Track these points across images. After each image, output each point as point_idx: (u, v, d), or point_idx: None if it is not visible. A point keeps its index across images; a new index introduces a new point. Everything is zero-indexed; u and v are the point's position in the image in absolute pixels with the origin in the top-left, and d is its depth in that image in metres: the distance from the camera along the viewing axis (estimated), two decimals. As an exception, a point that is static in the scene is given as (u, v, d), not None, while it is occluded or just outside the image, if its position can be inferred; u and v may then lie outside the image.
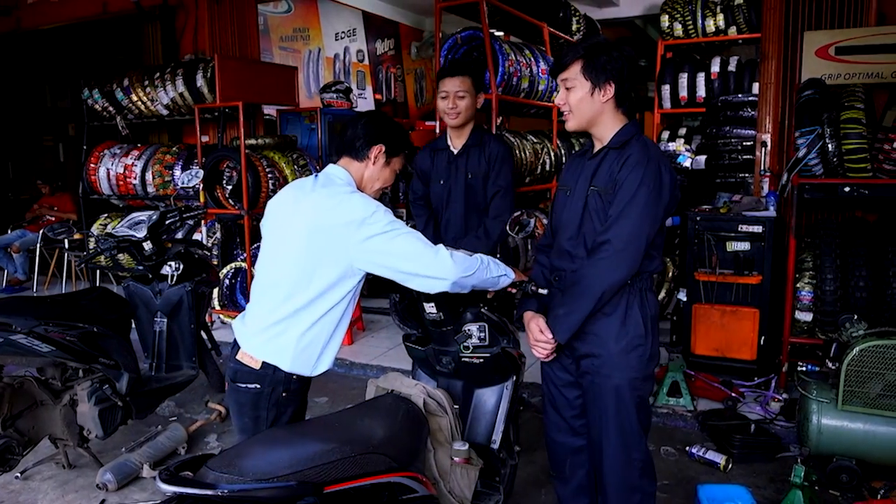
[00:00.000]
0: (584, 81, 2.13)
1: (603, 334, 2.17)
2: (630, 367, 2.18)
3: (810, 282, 3.96)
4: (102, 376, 3.33)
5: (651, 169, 2.07)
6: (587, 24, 7.75)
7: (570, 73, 2.16)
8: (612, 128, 2.18)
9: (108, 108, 6.73)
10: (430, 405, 2.31)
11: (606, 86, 2.13)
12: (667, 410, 3.91)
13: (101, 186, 6.67)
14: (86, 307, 3.47)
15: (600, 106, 2.15)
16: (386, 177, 2.26)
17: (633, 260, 2.09)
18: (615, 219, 2.08)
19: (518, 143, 6.11)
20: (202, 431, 3.84)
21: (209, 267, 4.23)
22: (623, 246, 2.06)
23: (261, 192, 5.49)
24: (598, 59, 2.12)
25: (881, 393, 3.02)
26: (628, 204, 2.06)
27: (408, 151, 2.30)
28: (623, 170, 2.09)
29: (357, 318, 5.57)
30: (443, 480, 2.26)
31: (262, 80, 6.21)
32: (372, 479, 1.73)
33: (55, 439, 3.35)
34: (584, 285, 2.11)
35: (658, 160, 2.11)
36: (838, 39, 4.16)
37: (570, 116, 2.20)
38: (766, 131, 4.64)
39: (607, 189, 2.12)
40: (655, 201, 2.08)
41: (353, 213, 2.03)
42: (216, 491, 1.49)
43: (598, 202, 2.14)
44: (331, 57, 9.95)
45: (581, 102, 2.15)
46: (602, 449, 2.26)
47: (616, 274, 2.08)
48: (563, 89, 2.19)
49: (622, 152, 2.13)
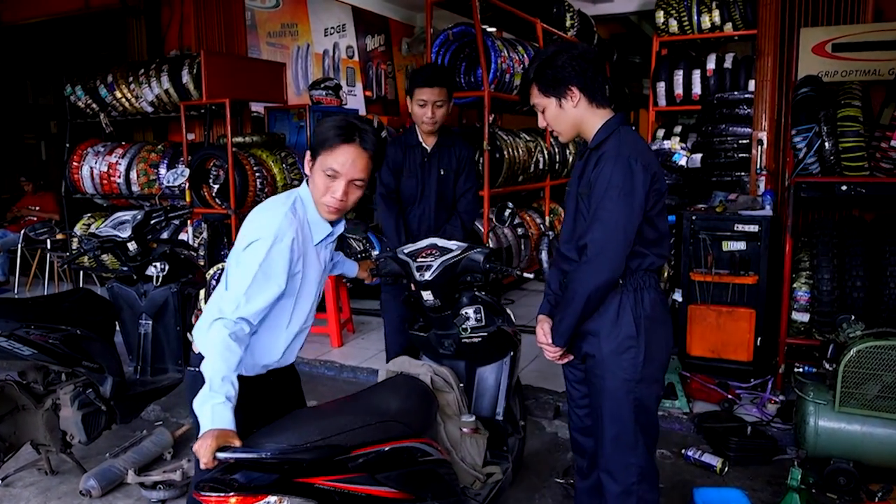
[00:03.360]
0: (548, 99, 2.17)
1: (597, 335, 2.18)
2: (622, 368, 2.15)
3: (807, 282, 3.94)
4: (86, 380, 3.29)
5: (619, 166, 2.03)
6: (581, 20, 7.73)
7: (533, 99, 2.21)
8: (596, 126, 2.18)
9: (92, 104, 6.66)
10: (437, 382, 2.54)
11: (569, 92, 2.13)
12: (662, 413, 3.87)
13: (85, 185, 6.61)
14: (69, 309, 3.43)
15: (575, 112, 2.16)
16: (318, 184, 1.99)
17: (611, 262, 2.05)
18: (590, 222, 2.08)
19: (511, 142, 6.07)
20: (189, 436, 3.77)
21: (195, 268, 4.20)
22: (598, 249, 2.05)
23: (248, 191, 5.43)
24: (545, 74, 2.14)
25: (879, 394, 3.00)
26: (598, 206, 2.05)
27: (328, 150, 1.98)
28: (595, 170, 2.09)
29: (347, 320, 5.51)
30: (454, 450, 2.46)
31: (249, 77, 6.16)
32: (391, 444, 1.89)
33: (37, 445, 3.32)
34: (571, 290, 2.13)
35: (627, 155, 2.05)
36: (835, 36, 4.15)
37: (559, 134, 2.25)
38: (762, 129, 4.62)
39: (586, 192, 2.13)
40: (628, 198, 2.03)
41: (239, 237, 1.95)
42: (261, 453, 1.61)
43: (584, 205, 2.15)
44: (320, 53, 9.89)
45: (557, 118, 2.19)
46: (600, 449, 2.28)
47: (597, 278, 2.07)
48: (539, 113, 2.24)
49: (598, 151, 2.13)
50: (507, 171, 6.03)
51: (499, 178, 5.94)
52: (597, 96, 2.15)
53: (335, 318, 5.19)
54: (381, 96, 11.20)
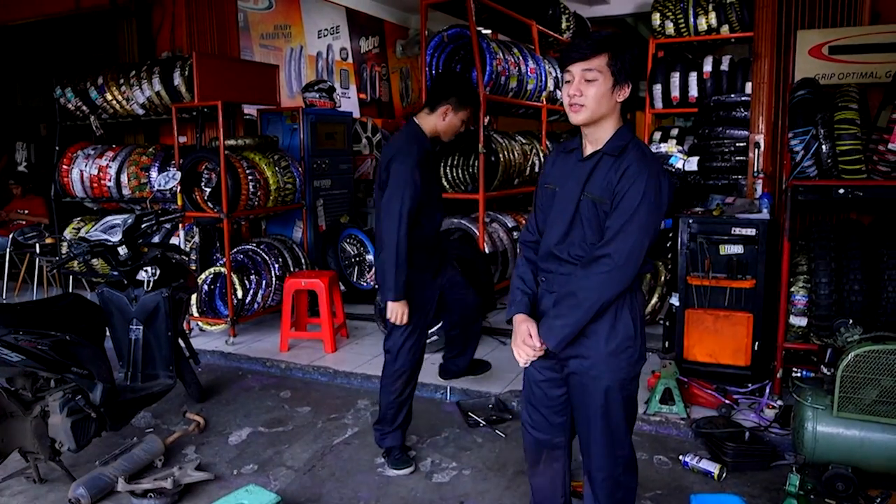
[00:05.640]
0: (609, 76, 2.06)
1: (593, 336, 2.18)
2: (620, 368, 2.19)
3: (805, 286, 3.92)
4: (75, 386, 3.27)
5: (652, 181, 2.05)
6: (577, 22, 7.72)
7: (593, 64, 2.06)
8: (611, 129, 2.13)
9: (82, 107, 6.61)
10: None
11: (625, 86, 2.09)
12: (659, 418, 3.84)
13: (75, 189, 6.56)
14: (58, 314, 3.40)
15: (614, 105, 2.11)
16: None
17: (632, 273, 2.10)
18: (616, 233, 2.06)
19: (506, 145, 6.04)
20: (180, 443, 3.74)
21: (187, 272, 4.18)
22: (624, 262, 2.06)
23: (241, 194, 5.39)
24: (624, 55, 2.06)
25: (877, 399, 2.98)
26: (630, 219, 2.04)
27: None
28: (623, 181, 2.05)
29: (341, 325, 5.46)
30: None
31: (242, 79, 6.12)
32: None
33: (25, 452, 3.29)
34: (581, 297, 2.10)
35: (658, 170, 2.09)
36: (832, 38, 4.15)
37: (581, 110, 2.09)
38: (759, 132, 4.61)
39: (603, 199, 2.09)
40: (656, 213, 2.07)
41: None
42: None
43: (591, 210, 2.12)
44: (313, 55, 9.85)
45: (602, 98, 2.07)
46: (589, 447, 2.29)
47: (615, 288, 2.10)
48: (581, 80, 2.07)
49: (619, 160, 2.08)
50: (503, 175, 6.00)
51: (494, 182, 5.92)
52: (628, 105, 2.15)
53: (329, 324, 5.14)
54: (375, 98, 11.17)
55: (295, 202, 6.21)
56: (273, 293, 5.64)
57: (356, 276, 6.80)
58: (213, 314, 5.66)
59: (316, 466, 3.51)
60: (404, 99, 11.88)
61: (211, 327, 5.55)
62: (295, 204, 6.23)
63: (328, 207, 6.67)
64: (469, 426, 3.94)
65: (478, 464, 3.50)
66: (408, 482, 3.34)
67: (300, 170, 6.22)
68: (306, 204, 6.37)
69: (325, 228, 6.58)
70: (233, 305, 5.36)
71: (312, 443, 3.78)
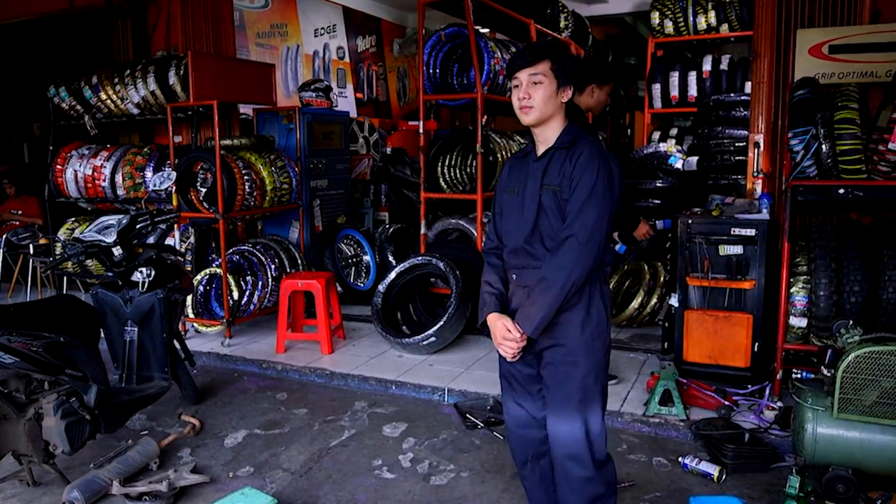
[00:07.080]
0: (552, 79, 2.29)
1: (568, 324, 2.32)
2: (595, 350, 2.34)
3: (805, 286, 3.91)
4: (69, 388, 3.27)
5: (603, 164, 2.26)
6: (575, 21, 7.70)
7: (538, 69, 2.29)
8: (559, 128, 2.34)
9: (76, 106, 6.56)
10: None
11: (567, 87, 2.33)
12: (659, 420, 3.83)
13: (69, 189, 6.52)
14: (52, 316, 3.39)
15: (559, 105, 2.33)
16: None
17: (597, 249, 2.24)
18: (577, 213, 2.23)
19: (504, 144, 6.01)
20: (175, 446, 3.72)
21: (182, 273, 4.17)
22: (588, 237, 2.21)
23: (236, 194, 5.36)
24: (563, 60, 2.31)
25: (877, 400, 2.97)
26: (588, 198, 2.22)
27: None
28: (577, 168, 2.25)
29: (338, 326, 5.43)
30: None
31: (237, 78, 6.09)
32: None
33: (19, 455, 3.29)
34: (552, 279, 2.23)
35: (606, 155, 2.31)
36: (832, 38, 4.14)
37: (531, 111, 2.30)
38: (758, 132, 4.59)
39: (561, 187, 2.28)
40: (610, 193, 2.26)
41: None
42: None
43: (552, 200, 2.29)
44: (310, 54, 9.83)
45: (548, 100, 2.29)
46: (566, 430, 2.38)
47: (583, 265, 2.22)
48: (529, 84, 2.29)
49: (571, 151, 2.29)
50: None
51: (492, 182, 5.89)
52: (569, 106, 2.39)
53: (325, 325, 5.11)
54: (372, 98, 11.15)
55: (291, 202, 6.18)
56: (269, 294, 5.61)
57: (353, 276, 6.78)
58: (209, 315, 5.64)
59: (313, 469, 3.49)
60: (401, 98, 11.86)
61: (207, 329, 5.53)
62: (291, 204, 6.20)
63: (325, 208, 6.65)
64: (467, 428, 3.92)
65: (476, 466, 3.49)
66: (405, 484, 3.32)
67: (296, 170, 6.19)
68: (303, 204, 6.34)
69: (321, 229, 6.56)
70: (228, 307, 5.33)
71: (309, 445, 3.76)
